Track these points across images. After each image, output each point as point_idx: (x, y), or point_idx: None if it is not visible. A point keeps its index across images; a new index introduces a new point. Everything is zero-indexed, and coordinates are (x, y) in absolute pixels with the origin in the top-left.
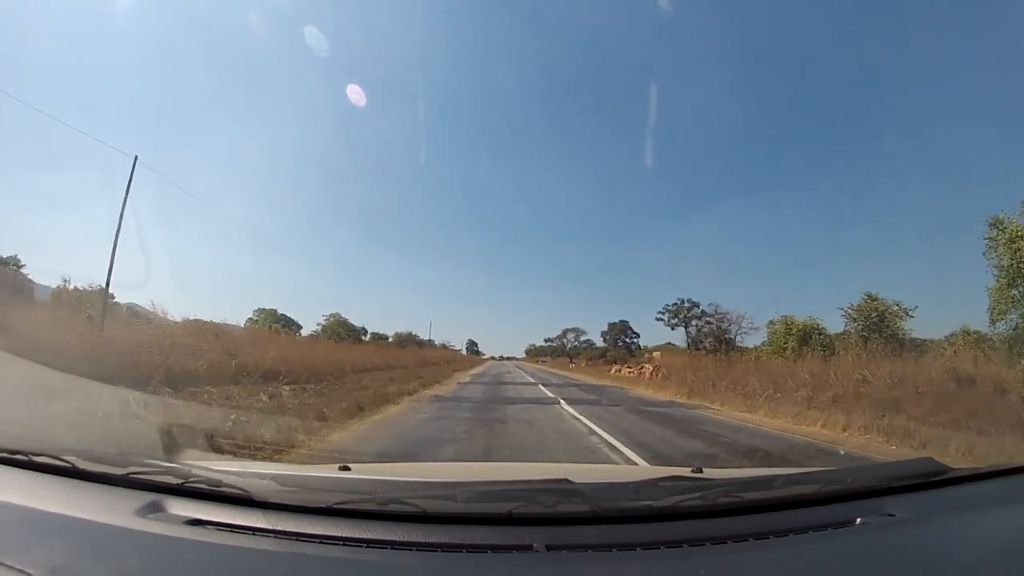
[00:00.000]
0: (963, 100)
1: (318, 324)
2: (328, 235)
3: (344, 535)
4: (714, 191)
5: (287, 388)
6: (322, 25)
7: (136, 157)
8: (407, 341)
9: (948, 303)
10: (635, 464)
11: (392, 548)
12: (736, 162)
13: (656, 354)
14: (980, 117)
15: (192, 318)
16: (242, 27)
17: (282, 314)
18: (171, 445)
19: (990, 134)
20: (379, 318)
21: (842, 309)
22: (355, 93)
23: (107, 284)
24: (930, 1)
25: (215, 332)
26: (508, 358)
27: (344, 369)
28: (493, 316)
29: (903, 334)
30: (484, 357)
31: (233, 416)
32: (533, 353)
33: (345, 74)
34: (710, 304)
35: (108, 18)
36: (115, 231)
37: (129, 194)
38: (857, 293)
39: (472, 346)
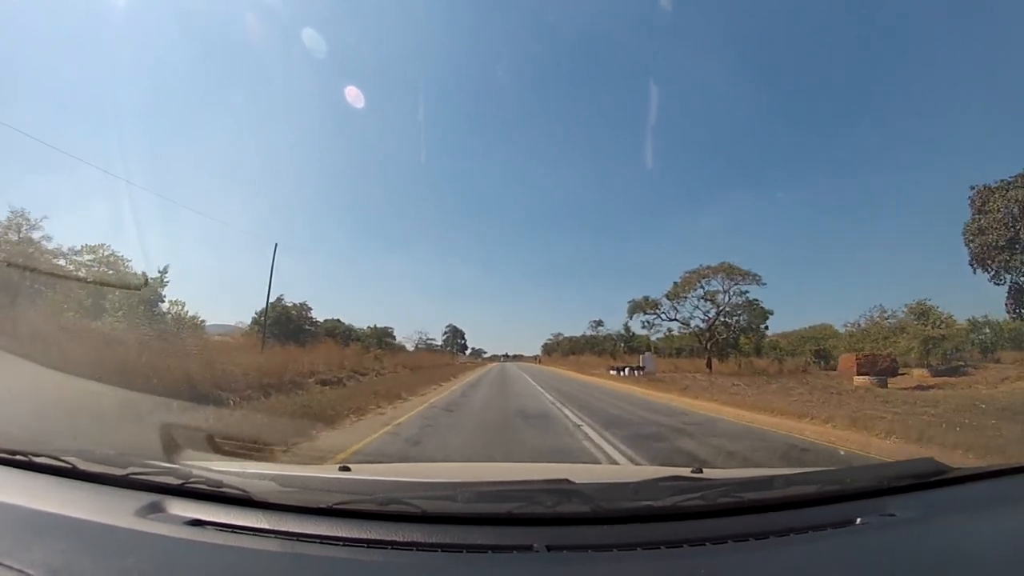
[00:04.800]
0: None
1: None
2: (327, 236)
3: (344, 535)
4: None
5: None
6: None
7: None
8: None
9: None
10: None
11: (392, 548)
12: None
13: None
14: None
15: None
16: (246, 31)
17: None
18: (171, 445)
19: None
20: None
21: None
22: (355, 93)
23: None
24: None
25: None
26: (514, 357)
27: None
28: (497, 313)
29: None
30: (483, 358)
31: None
32: (564, 350)
33: (346, 75)
34: None
35: (116, 24)
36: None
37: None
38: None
39: (455, 337)
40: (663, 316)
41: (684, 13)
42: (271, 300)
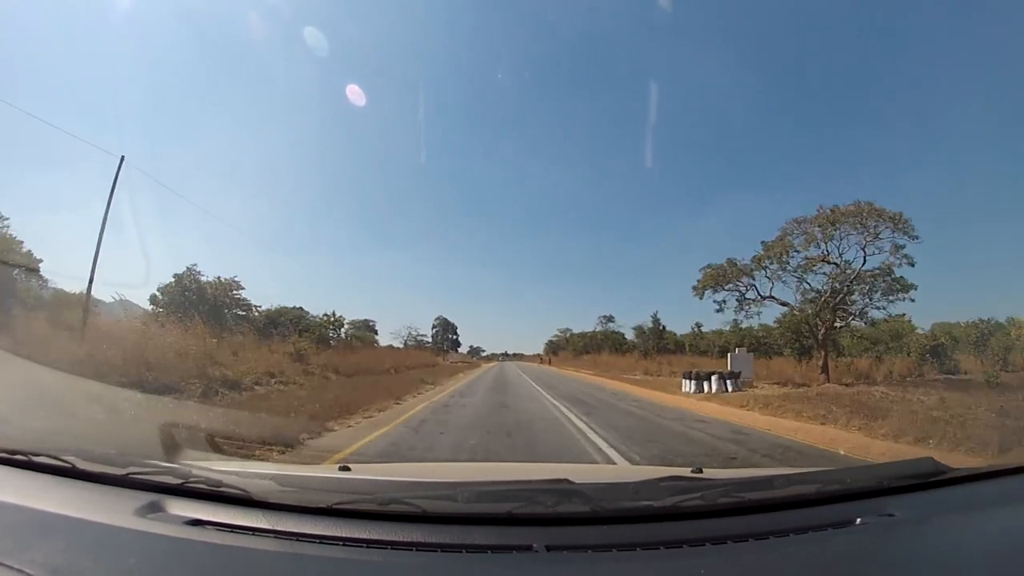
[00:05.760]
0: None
1: None
2: (326, 233)
3: (344, 535)
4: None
5: None
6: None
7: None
8: None
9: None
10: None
11: (392, 548)
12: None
13: None
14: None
15: None
16: (248, 29)
17: None
18: (171, 445)
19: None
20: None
21: None
22: (356, 91)
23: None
24: None
25: None
26: (513, 356)
27: None
28: (496, 311)
29: None
30: (480, 357)
31: None
32: (576, 348)
33: (346, 73)
34: None
35: (120, 23)
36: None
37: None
38: None
39: (445, 332)
40: (746, 293)
41: (688, 12)
42: (180, 272)
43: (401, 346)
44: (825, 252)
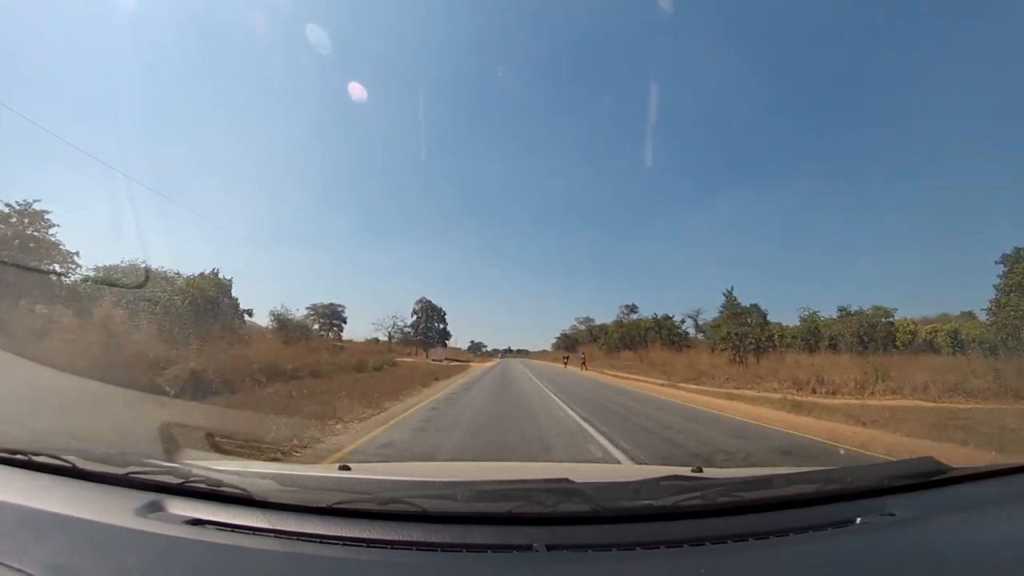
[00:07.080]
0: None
1: None
2: (324, 227)
3: (344, 535)
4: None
5: None
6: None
7: None
8: None
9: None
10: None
11: (392, 548)
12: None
13: None
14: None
15: None
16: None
17: None
18: (171, 445)
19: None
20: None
21: None
22: (357, 89)
23: None
24: None
25: None
26: (518, 352)
27: None
28: (499, 306)
29: None
30: (483, 353)
31: None
32: (611, 343)
33: (349, 71)
34: None
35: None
36: None
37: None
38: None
39: (428, 319)
40: None
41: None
42: None
43: (385, 338)
44: None
